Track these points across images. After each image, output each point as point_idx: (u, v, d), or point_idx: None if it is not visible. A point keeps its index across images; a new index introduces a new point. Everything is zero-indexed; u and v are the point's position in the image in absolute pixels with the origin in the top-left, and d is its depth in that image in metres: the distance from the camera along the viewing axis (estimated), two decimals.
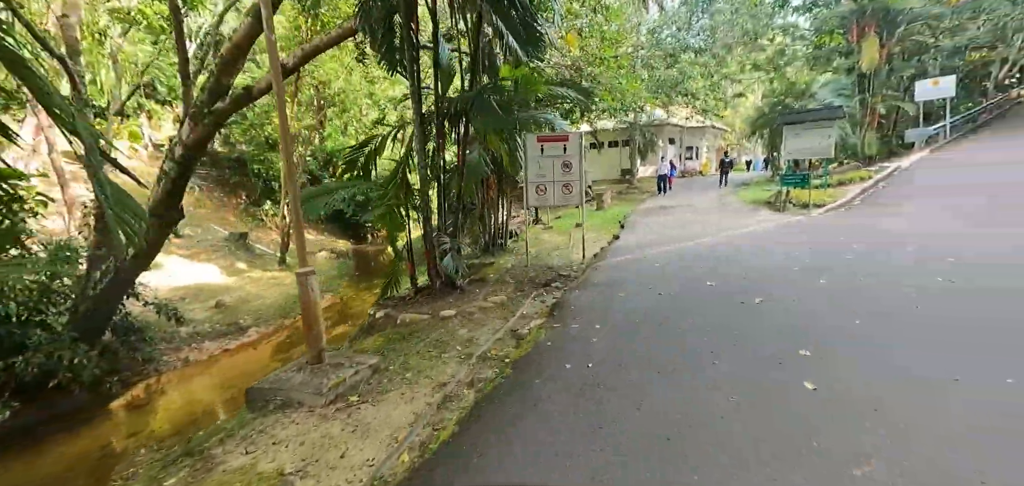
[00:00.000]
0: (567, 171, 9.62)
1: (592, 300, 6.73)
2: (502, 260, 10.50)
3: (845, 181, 15.33)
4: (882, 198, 12.84)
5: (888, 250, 7.98)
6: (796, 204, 13.26)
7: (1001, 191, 11.69)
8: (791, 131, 13.44)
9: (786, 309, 5.62)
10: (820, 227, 10.61)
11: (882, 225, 10.16)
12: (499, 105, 6.86)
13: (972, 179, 13.33)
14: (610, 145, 31.16)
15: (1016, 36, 20.06)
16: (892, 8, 18.35)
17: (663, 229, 12.26)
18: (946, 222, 9.91)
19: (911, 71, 20.47)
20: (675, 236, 11.15)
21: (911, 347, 4.35)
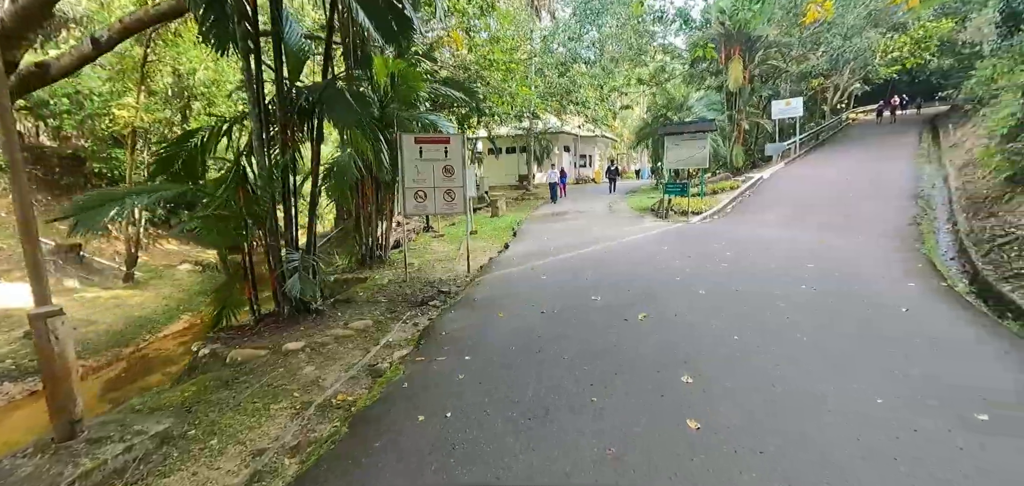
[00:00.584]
0: (449, 176, 8.72)
1: (468, 323, 5.88)
2: (379, 275, 9.30)
3: (718, 190, 16.30)
4: (749, 206, 13.70)
5: (758, 258, 8.19)
6: (677, 211, 13.68)
7: (842, 201, 13.02)
8: (671, 142, 13.87)
9: (668, 325, 5.23)
10: (699, 234, 10.86)
11: (751, 232, 10.65)
12: (355, 97, 5.75)
13: (819, 190, 14.77)
14: (508, 151, 30.95)
15: (845, 67, 23.21)
16: (752, 35, 20.12)
17: (554, 237, 11.88)
18: (802, 229, 10.64)
19: (768, 92, 22.73)
20: (565, 244, 10.77)
21: (787, 366, 4.07)
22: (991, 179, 11.19)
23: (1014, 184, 9.94)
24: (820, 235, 9.97)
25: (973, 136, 18.13)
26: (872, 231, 10.22)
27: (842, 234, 10.06)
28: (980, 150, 13.79)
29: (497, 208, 17.31)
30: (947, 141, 20.31)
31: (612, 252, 9.58)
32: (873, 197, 13.32)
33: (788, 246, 9.10)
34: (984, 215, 10.01)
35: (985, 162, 12.14)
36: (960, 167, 15.08)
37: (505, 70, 14.19)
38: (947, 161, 16.64)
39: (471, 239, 13.07)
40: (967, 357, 4.19)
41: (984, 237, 8.89)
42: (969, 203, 11.20)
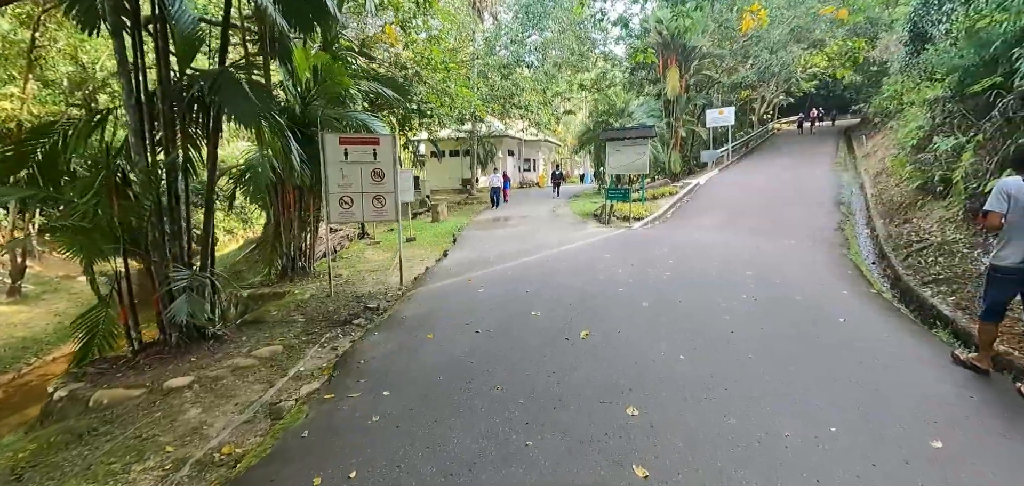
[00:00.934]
0: (379, 181, 7.95)
1: (393, 346, 5.18)
2: (301, 289, 8.34)
3: (658, 195, 16.45)
4: (688, 211, 13.85)
5: (698, 265, 8.06)
6: (619, 217, 13.57)
7: (772, 206, 13.43)
8: (613, 147, 13.75)
9: (612, 345, 4.80)
10: (641, 241, 10.70)
11: (691, 237, 10.63)
12: (254, 87, 4.91)
13: (751, 196, 15.23)
14: (451, 154, 30.14)
15: (772, 80, 24.47)
16: (688, 45, 20.66)
17: (495, 244, 11.34)
18: (738, 234, 10.75)
19: (703, 101, 23.48)
20: (506, 252, 10.25)
21: (736, 391, 3.74)
22: (903, 187, 11.87)
23: (924, 192, 10.52)
24: (755, 240, 10.08)
25: (883, 146, 19.53)
26: (802, 236, 10.48)
27: (774, 239, 10.24)
28: (891, 159, 14.75)
29: (438, 213, 16.56)
30: (860, 151, 21.81)
31: (554, 261, 9.16)
32: (799, 203, 13.84)
33: (726, 251, 9.08)
34: (900, 221, 10.53)
35: (897, 171, 12.91)
36: (874, 175, 16.09)
37: (444, 70, 13.52)
38: (862, 169, 17.77)
39: (409, 247, 12.27)
40: (909, 373, 4.05)
41: (901, 242, 9.28)
42: (885, 209, 11.82)
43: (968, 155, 8.37)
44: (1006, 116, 7.78)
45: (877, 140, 21.41)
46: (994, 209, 3.66)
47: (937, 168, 9.95)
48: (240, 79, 4.85)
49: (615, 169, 13.90)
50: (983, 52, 9.19)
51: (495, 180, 19.73)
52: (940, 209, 9.52)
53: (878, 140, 21.25)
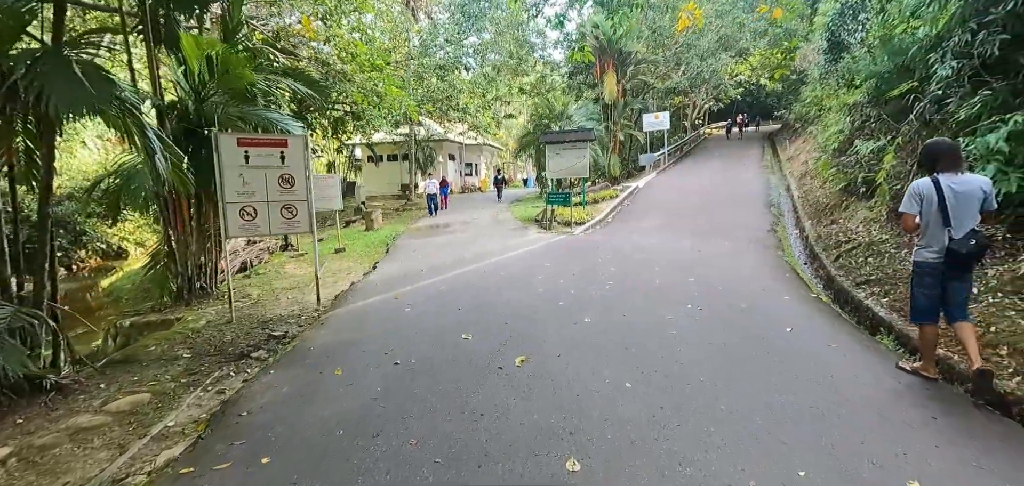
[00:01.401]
0: (288, 188, 6.90)
1: (290, 390, 4.24)
2: (197, 315, 7.10)
3: (599, 199, 16.24)
4: (629, 215, 13.65)
5: (641, 273, 7.66)
6: (561, 222, 13.12)
7: (708, 208, 13.51)
8: (553, 150, 13.30)
9: (551, 375, 4.16)
10: (582, 247, 10.26)
11: (632, 241, 10.32)
12: (89, 71, 3.80)
13: (688, 198, 15.34)
14: (389, 159, 28.82)
15: (703, 86, 25.28)
16: (624, 50, 20.76)
17: (430, 254, 10.48)
18: (678, 237, 10.58)
19: (639, 106, 23.78)
20: (441, 263, 9.44)
21: (691, 428, 3.18)
22: (828, 189, 12.25)
23: (848, 194, 10.82)
24: (694, 243, 9.92)
25: (805, 150, 20.52)
26: (738, 237, 10.45)
27: (713, 241, 10.13)
28: (815, 162, 15.40)
29: (372, 220, 15.41)
30: (784, 154, 22.88)
31: (492, 272, 8.47)
32: (733, 204, 14.04)
33: (668, 256, 8.80)
34: (827, 222, 10.77)
35: (821, 173, 13.38)
36: (799, 177, 16.75)
37: (371, 68, 12.51)
38: (787, 172, 18.52)
39: (337, 259, 11.16)
40: (866, 392, 3.70)
41: (831, 243, 9.40)
42: (812, 210, 12.14)
43: (890, 157, 8.56)
44: (923, 119, 7.98)
45: (798, 144, 22.54)
46: (908, 210, 3.83)
47: (859, 170, 10.23)
48: (70, 60, 3.75)
49: (555, 173, 13.46)
50: (898, 59, 9.52)
51: (432, 186, 18.24)
52: (864, 210, 9.74)
53: (799, 144, 22.36)
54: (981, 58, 6.28)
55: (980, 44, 6.23)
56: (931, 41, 7.75)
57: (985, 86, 6.23)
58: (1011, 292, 5.08)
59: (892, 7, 9.95)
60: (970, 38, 6.45)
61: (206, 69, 7.49)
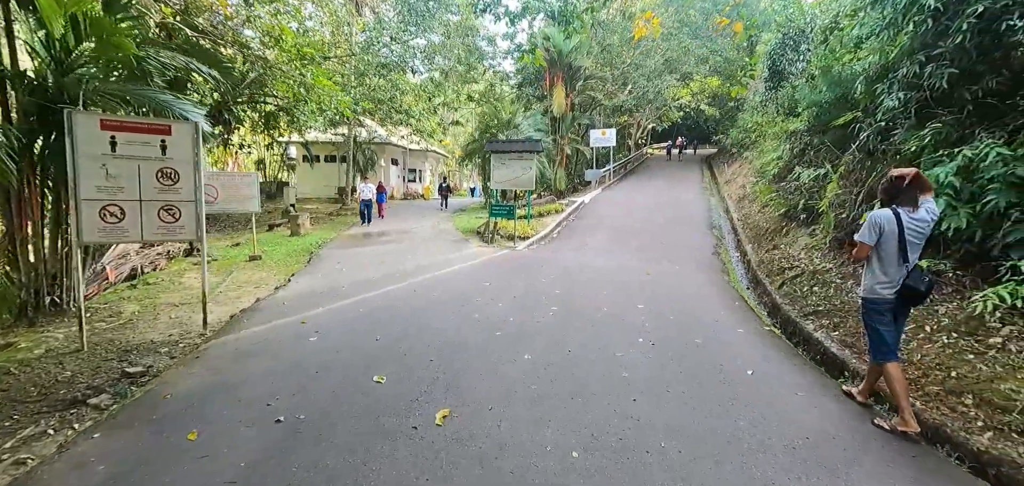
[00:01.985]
0: (170, 185, 5.57)
1: (107, 470, 3.02)
2: (36, 339, 5.54)
3: (545, 212, 15.62)
4: (575, 230, 13.08)
5: (588, 297, 6.97)
6: (504, 235, 12.31)
7: (653, 227, 13.22)
8: (498, 160, 12.50)
9: (478, 437, 3.26)
10: (526, 264, 9.47)
11: (578, 260, 9.68)
12: None
13: (633, 215, 15.06)
14: (327, 160, 26.87)
15: (648, 106, 25.60)
16: (574, 64, 20.47)
17: (357, 268, 9.28)
18: (625, 256, 10.07)
19: (587, 122, 23.62)
20: (366, 279, 8.30)
21: None
22: (768, 213, 12.30)
23: (788, 219, 10.80)
24: (642, 264, 9.44)
25: (742, 174, 21.08)
26: (684, 259, 10.11)
27: (660, 262, 9.71)
28: (755, 186, 15.66)
29: (299, 225, 13.85)
30: (722, 177, 23.50)
31: (424, 292, 7.46)
32: (677, 224, 13.88)
33: (615, 278, 8.21)
34: (768, 247, 10.67)
35: (760, 198, 13.51)
36: (737, 200, 17.02)
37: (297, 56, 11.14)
38: (726, 194, 18.86)
39: (251, 269, 9.69)
40: (852, 458, 3.10)
41: (774, 269, 9.21)
42: (753, 234, 12.11)
43: (833, 186, 8.46)
44: (866, 149, 7.91)
45: (735, 168, 23.22)
46: (865, 240, 3.64)
47: (800, 197, 10.21)
48: None
49: (500, 183, 12.65)
50: (838, 90, 9.56)
51: (367, 191, 15.75)
52: (805, 237, 9.66)
53: (736, 168, 23.04)
54: (930, 90, 6.13)
55: (929, 76, 6.08)
56: (876, 72, 7.70)
57: (933, 118, 6.09)
58: (965, 332, 4.78)
59: (834, 39, 10.07)
60: (918, 70, 6.32)
61: (71, 34, 6.00)
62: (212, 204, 10.08)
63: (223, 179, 10.07)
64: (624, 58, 21.79)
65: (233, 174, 10.17)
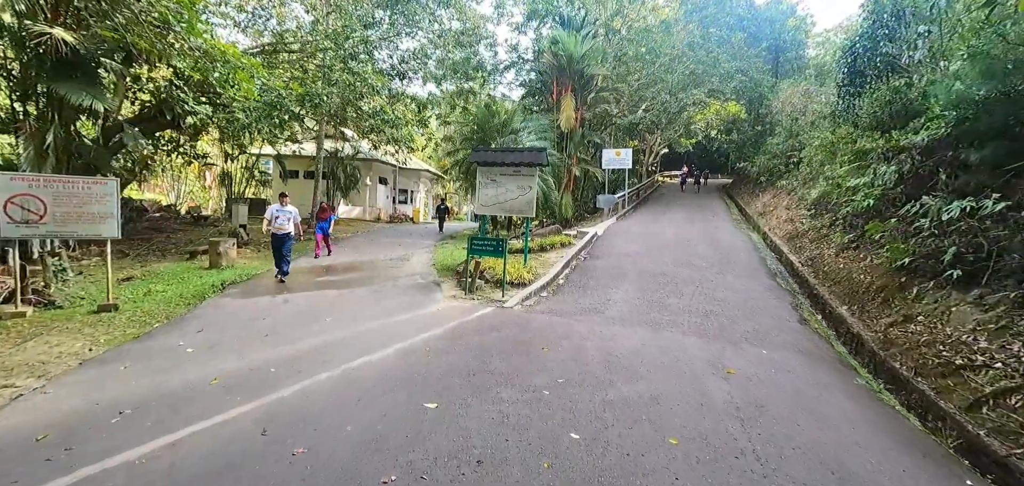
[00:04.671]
0: None
1: None
2: None
3: (547, 245, 11.77)
4: (589, 277, 9.18)
5: (636, 440, 3.03)
6: (490, 280, 8.43)
7: (698, 274, 9.31)
8: (486, 176, 8.75)
9: None
10: (516, 341, 5.57)
11: (599, 334, 5.80)
12: None
13: (663, 255, 11.18)
14: (306, 176, 23.21)
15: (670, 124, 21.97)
16: (586, 73, 16.89)
17: (229, 344, 5.40)
18: (673, 329, 6.15)
19: (598, 141, 19.93)
20: (224, 377, 4.41)
21: None
22: (865, 261, 8.43)
23: (911, 273, 6.94)
24: (705, 344, 5.57)
25: (781, 205, 17.26)
26: (765, 333, 6.22)
27: (731, 341, 5.81)
28: (811, 222, 11.80)
29: (219, 256, 10.00)
30: (752, 209, 19.67)
31: (322, 409, 3.61)
32: (726, 269, 10.00)
33: (675, 388, 4.33)
34: (889, 316, 6.79)
35: (836, 238, 9.66)
36: (787, 238, 13.14)
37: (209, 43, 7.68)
38: (767, 228, 15.01)
39: (74, 330, 5.82)
40: None
41: (928, 363, 5.34)
42: (845, 290, 8.18)
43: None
44: None
45: (767, 198, 19.42)
46: None
47: (935, 239, 6.39)
48: None
49: (488, 208, 8.88)
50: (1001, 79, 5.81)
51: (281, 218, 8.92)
52: (969, 306, 5.78)
53: (769, 199, 19.25)
54: None
55: None
56: None
57: None
58: None
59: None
60: None
61: None
62: (36, 224, 6.27)
63: (55, 188, 6.29)
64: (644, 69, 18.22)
65: (74, 181, 6.39)
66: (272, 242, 8.99)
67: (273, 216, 8.94)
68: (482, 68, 20.53)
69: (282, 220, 8.92)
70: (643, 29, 18.26)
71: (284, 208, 9.06)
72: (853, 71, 9.85)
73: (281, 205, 9.10)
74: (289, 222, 8.98)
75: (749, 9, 25.98)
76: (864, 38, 9.32)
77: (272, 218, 8.90)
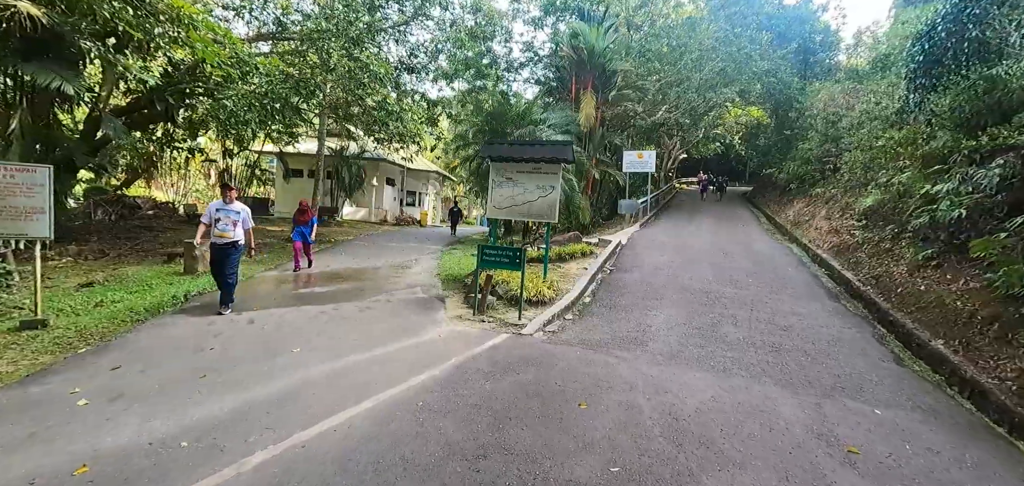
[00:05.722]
0: None
1: None
2: None
3: (566, 254, 10.29)
4: (619, 294, 7.67)
5: None
6: (503, 295, 6.99)
7: (744, 292, 7.77)
8: (500, 173, 7.33)
9: None
10: (541, 390, 4.13)
11: (654, 383, 4.29)
12: None
13: (700, 269, 9.64)
14: (310, 175, 22.02)
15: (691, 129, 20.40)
16: (608, 68, 15.41)
17: (174, 380, 4.00)
18: (741, 371, 4.63)
19: (618, 142, 18.39)
20: (150, 444, 3.05)
21: None
22: (955, 285, 6.84)
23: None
24: (790, 396, 4.02)
25: (818, 216, 15.62)
26: (859, 380, 4.69)
27: (818, 389, 4.32)
28: (979, 244, 10.10)
29: (195, 260, 8.67)
30: (783, 218, 18.01)
31: None
32: (778, 288, 8.43)
33: (772, 473, 2.80)
34: (993, 342, 5.23)
35: (910, 255, 8.04)
36: (834, 250, 11.51)
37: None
38: (806, 240, 13.38)
39: (13, 347, 4.47)
40: None
41: None
42: (934, 319, 6.62)
43: None
44: None
45: (800, 208, 17.75)
46: None
47: None
48: None
49: (503, 210, 7.45)
50: None
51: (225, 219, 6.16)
52: None
53: (802, 208, 17.57)
54: None
55: None
56: None
57: None
58: None
59: None
60: None
61: None
62: None
63: None
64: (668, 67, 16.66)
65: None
66: (211, 255, 6.22)
67: (212, 218, 6.16)
68: (495, 64, 19.15)
69: (226, 224, 6.11)
70: (667, 26, 16.76)
71: (229, 206, 6.23)
72: (930, 60, 8.28)
73: (225, 201, 6.28)
74: (235, 226, 6.20)
75: (779, 8, 24.32)
76: (948, 20, 7.73)
77: (211, 220, 6.18)
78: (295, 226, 9.29)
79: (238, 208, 6.34)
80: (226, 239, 6.14)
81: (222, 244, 6.13)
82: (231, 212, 6.23)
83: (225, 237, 6.13)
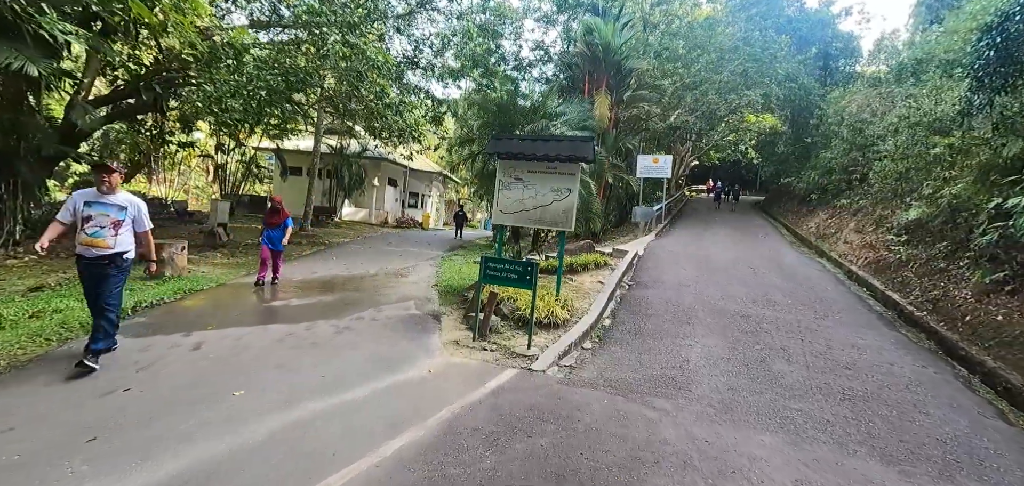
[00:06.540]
0: None
1: None
2: None
3: (578, 265, 9.17)
4: (645, 317, 6.54)
5: None
6: (509, 316, 5.87)
7: (785, 315, 6.61)
8: (509, 173, 6.24)
9: None
10: (563, 467, 3.00)
11: (712, 448, 3.15)
12: None
13: (731, 286, 8.50)
14: (309, 174, 21.03)
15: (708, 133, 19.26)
16: (624, 66, 14.31)
17: (37, 453, 2.91)
18: (817, 435, 3.48)
19: (630, 145, 17.26)
20: None
21: None
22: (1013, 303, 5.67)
23: None
24: (897, 478, 2.87)
25: (846, 228, 14.42)
26: (966, 445, 3.60)
27: (926, 467, 3.11)
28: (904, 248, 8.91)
29: (163, 263, 7.64)
30: (804, 229, 16.83)
31: None
32: (821, 311, 7.26)
33: None
34: None
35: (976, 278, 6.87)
36: (870, 266, 10.34)
37: None
38: (836, 255, 12.21)
39: None
40: None
41: None
42: (1008, 352, 5.47)
43: None
44: None
45: (823, 219, 16.55)
46: None
47: None
48: None
49: (510, 215, 6.36)
50: None
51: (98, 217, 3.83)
52: None
53: (825, 219, 16.38)
54: None
55: None
56: None
57: None
58: None
59: None
60: None
61: None
62: None
63: None
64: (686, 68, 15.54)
65: None
66: (78, 268, 3.94)
67: (78, 215, 3.85)
68: (504, 61, 18.11)
69: (98, 226, 3.85)
70: (684, 26, 15.66)
71: (105, 198, 3.92)
72: (1001, 55, 7.12)
73: (100, 191, 3.92)
74: (116, 230, 3.92)
75: (800, 10, 23.15)
76: None
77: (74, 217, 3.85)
78: (264, 229, 7.62)
79: (123, 201, 3.98)
80: (98, 249, 3.82)
81: (92, 257, 3.84)
82: (108, 208, 3.89)
83: (96, 245, 3.81)
